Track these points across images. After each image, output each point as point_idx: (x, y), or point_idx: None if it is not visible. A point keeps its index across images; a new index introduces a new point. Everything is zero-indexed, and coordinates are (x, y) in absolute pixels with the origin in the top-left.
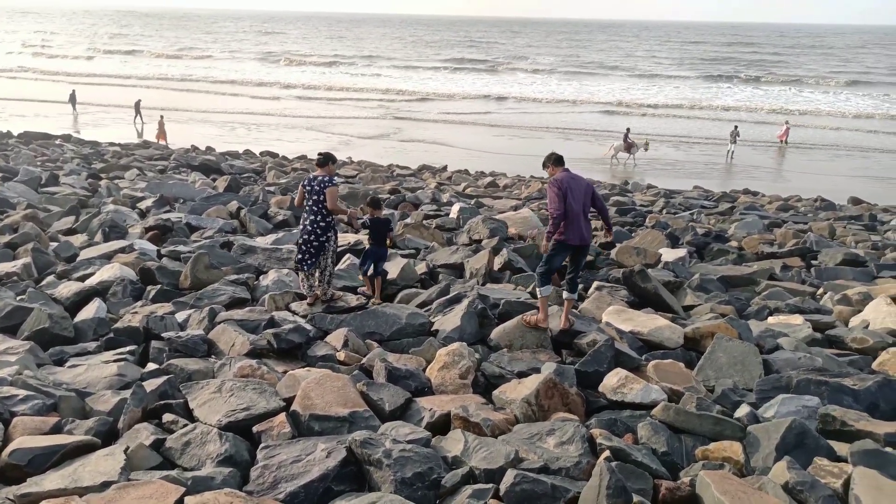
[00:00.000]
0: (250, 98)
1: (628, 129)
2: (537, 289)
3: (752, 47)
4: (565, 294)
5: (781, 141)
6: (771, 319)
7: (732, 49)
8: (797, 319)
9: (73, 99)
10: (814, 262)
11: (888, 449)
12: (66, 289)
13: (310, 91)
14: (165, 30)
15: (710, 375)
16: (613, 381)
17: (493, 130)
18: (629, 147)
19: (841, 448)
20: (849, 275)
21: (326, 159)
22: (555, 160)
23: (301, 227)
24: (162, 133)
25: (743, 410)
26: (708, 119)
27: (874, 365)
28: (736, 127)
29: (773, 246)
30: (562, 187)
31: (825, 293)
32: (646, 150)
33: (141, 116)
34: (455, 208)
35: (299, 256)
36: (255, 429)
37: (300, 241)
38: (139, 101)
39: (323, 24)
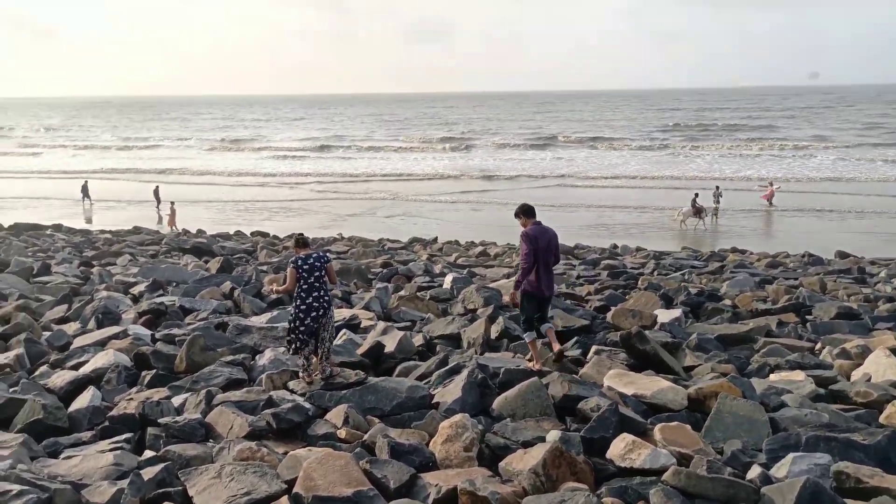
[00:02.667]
0: (232, 186)
1: (696, 195)
2: (524, 335)
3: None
4: (543, 328)
5: (767, 201)
6: (773, 377)
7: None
8: (799, 375)
9: (85, 190)
10: (808, 316)
11: None
12: (60, 378)
13: (292, 178)
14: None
15: (717, 436)
16: (621, 448)
17: (481, 201)
18: (698, 212)
19: None
20: (845, 328)
21: (307, 240)
22: (525, 211)
23: (301, 305)
24: (172, 219)
25: (755, 472)
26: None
27: (881, 419)
28: (718, 187)
29: (766, 302)
30: (530, 241)
31: (823, 348)
32: (715, 214)
33: (159, 203)
34: (448, 279)
35: (304, 337)
36: None
37: (307, 322)
38: (157, 187)
39: (287, 105)
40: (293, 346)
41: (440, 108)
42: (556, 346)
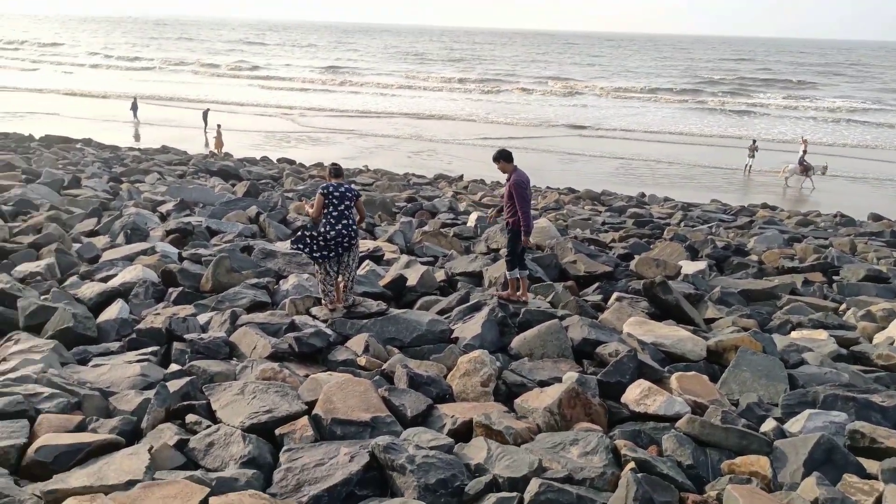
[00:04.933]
0: (257, 116)
1: (804, 152)
2: (513, 272)
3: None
4: (521, 272)
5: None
6: (794, 334)
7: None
8: (821, 335)
9: (134, 107)
10: (835, 277)
11: None
12: (89, 289)
13: (314, 110)
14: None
15: (734, 389)
16: (636, 393)
17: (511, 144)
18: (805, 170)
19: (870, 465)
20: (872, 291)
21: (341, 170)
22: (505, 156)
23: (330, 231)
24: (219, 142)
25: (769, 425)
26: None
27: None
28: (754, 141)
29: (793, 260)
30: (526, 185)
31: (848, 309)
32: (823, 173)
33: (207, 126)
34: (473, 217)
35: (324, 252)
36: (277, 431)
37: (329, 238)
38: (207, 110)
39: (305, 32)
40: (300, 243)
41: (465, 43)
42: (524, 292)
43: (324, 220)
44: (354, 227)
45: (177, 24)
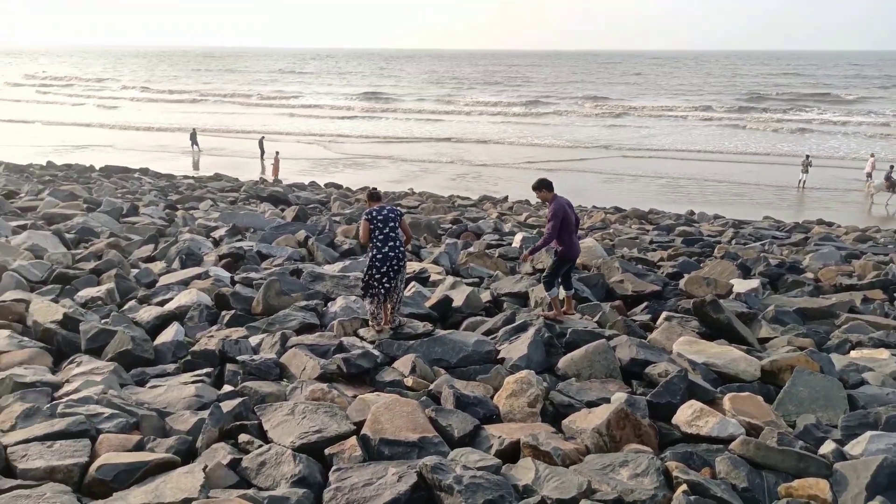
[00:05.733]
0: (301, 144)
1: (892, 167)
2: (548, 292)
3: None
4: (569, 293)
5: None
6: (853, 353)
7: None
8: (883, 354)
9: (193, 137)
10: None
11: None
12: (147, 313)
13: (362, 139)
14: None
15: (790, 410)
16: (688, 414)
17: (549, 166)
18: (892, 186)
19: None
20: None
21: (379, 193)
22: (546, 185)
23: (377, 255)
24: (276, 169)
25: (828, 447)
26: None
27: None
28: (808, 156)
29: (851, 278)
30: (558, 212)
31: None
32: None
33: (263, 154)
34: (518, 237)
35: (384, 282)
36: (326, 451)
37: (383, 270)
38: (262, 138)
39: (344, 59)
40: (368, 291)
41: (502, 65)
42: (568, 309)
43: (371, 245)
44: (402, 247)
45: (220, 56)
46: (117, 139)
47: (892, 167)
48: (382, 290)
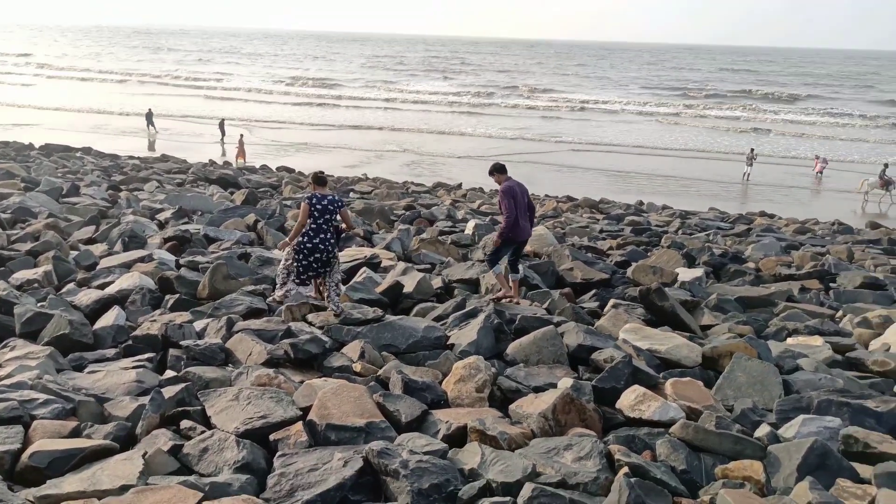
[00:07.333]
0: (260, 126)
1: (886, 165)
2: (492, 270)
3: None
4: (512, 277)
5: (818, 173)
6: (790, 340)
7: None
8: (817, 341)
9: (149, 118)
10: (832, 284)
11: None
12: (86, 296)
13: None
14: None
15: (728, 395)
16: (631, 399)
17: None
18: (886, 184)
19: (864, 470)
20: (868, 298)
21: (325, 178)
22: (499, 169)
23: (306, 244)
24: (241, 152)
25: (763, 430)
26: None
27: None
28: (752, 150)
29: (790, 268)
30: (511, 194)
31: (844, 316)
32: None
33: (224, 136)
34: (470, 225)
35: (304, 275)
36: (271, 437)
37: (310, 260)
38: (223, 120)
39: (303, 42)
40: (282, 278)
41: (461, 52)
42: (514, 293)
43: (303, 231)
44: (332, 241)
45: (150, 34)
46: (43, 119)
47: (885, 165)
48: (297, 281)
